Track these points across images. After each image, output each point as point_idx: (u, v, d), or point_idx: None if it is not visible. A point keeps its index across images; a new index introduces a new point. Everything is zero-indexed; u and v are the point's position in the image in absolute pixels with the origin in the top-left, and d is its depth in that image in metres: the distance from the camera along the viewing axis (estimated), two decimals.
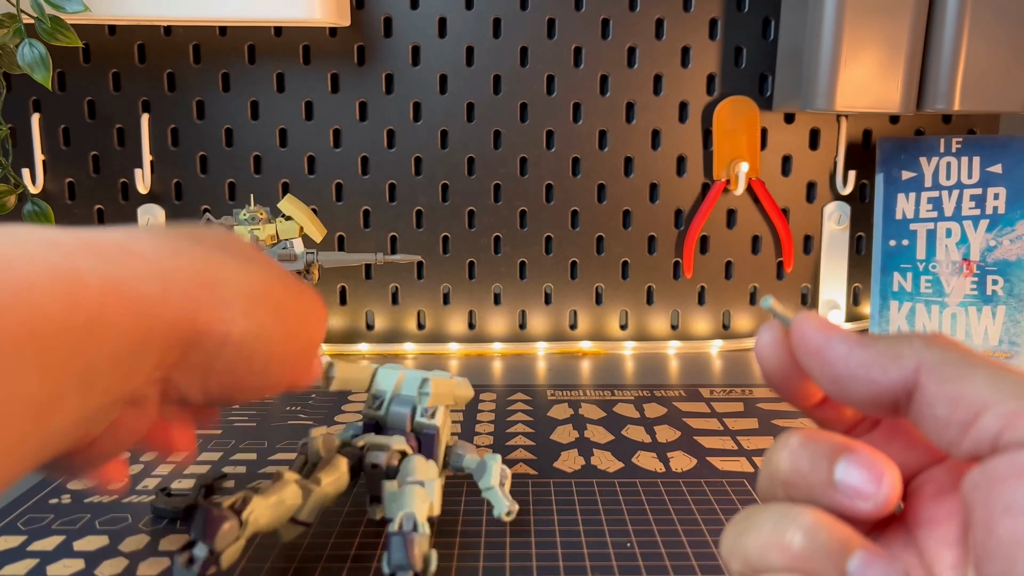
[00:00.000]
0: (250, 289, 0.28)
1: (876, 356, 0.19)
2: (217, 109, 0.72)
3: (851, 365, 0.19)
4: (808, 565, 0.18)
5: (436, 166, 0.73)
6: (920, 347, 0.19)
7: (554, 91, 0.72)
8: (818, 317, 0.21)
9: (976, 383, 0.18)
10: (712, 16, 0.71)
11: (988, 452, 0.17)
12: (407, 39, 0.71)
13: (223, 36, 0.70)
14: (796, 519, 0.19)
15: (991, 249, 0.67)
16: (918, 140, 0.70)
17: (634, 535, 0.40)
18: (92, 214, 0.73)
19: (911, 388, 0.19)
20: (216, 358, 0.27)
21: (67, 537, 0.40)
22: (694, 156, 0.73)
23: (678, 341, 0.75)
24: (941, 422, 0.18)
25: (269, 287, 0.29)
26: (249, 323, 0.28)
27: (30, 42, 0.56)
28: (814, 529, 0.18)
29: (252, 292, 0.28)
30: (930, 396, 0.18)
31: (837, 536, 0.18)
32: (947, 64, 0.61)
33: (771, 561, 0.19)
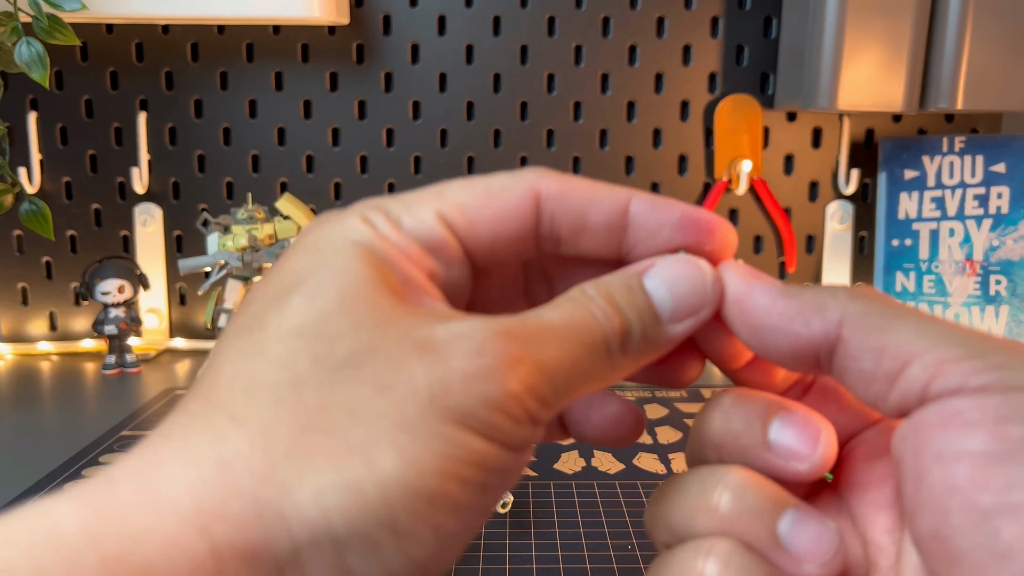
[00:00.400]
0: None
1: (799, 307, 0.19)
2: (215, 108, 0.71)
3: (772, 316, 0.19)
4: (736, 527, 0.18)
5: (436, 165, 0.73)
6: (844, 299, 0.18)
7: (554, 90, 0.72)
8: (742, 265, 0.20)
9: (902, 333, 0.17)
10: (713, 14, 0.70)
11: (916, 404, 0.17)
12: (406, 37, 0.70)
13: (221, 35, 0.70)
14: (723, 479, 0.18)
15: (994, 249, 0.66)
16: (921, 139, 0.69)
17: (635, 537, 0.39)
18: (90, 213, 0.73)
19: (834, 341, 0.18)
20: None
21: None
22: (695, 155, 0.73)
23: None
24: (867, 375, 0.17)
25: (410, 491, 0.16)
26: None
27: (27, 40, 0.56)
28: (743, 488, 0.18)
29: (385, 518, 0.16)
30: (854, 349, 0.18)
31: (767, 495, 0.18)
32: (950, 63, 0.60)
33: (697, 526, 0.18)
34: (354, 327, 0.17)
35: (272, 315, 0.17)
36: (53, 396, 0.63)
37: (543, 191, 0.20)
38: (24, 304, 0.74)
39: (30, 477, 0.47)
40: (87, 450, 0.51)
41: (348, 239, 0.18)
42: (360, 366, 0.16)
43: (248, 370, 0.17)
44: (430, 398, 0.16)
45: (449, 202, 0.20)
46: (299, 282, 0.18)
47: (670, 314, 0.20)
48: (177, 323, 0.75)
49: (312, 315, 0.17)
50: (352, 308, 0.17)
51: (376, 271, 0.18)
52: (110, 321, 0.67)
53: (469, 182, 0.20)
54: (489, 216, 0.20)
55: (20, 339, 0.74)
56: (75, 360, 0.71)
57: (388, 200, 0.20)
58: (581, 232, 0.21)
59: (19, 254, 0.73)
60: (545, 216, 0.20)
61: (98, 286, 0.66)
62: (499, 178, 0.20)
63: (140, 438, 0.55)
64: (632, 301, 0.19)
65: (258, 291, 0.19)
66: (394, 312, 0.17)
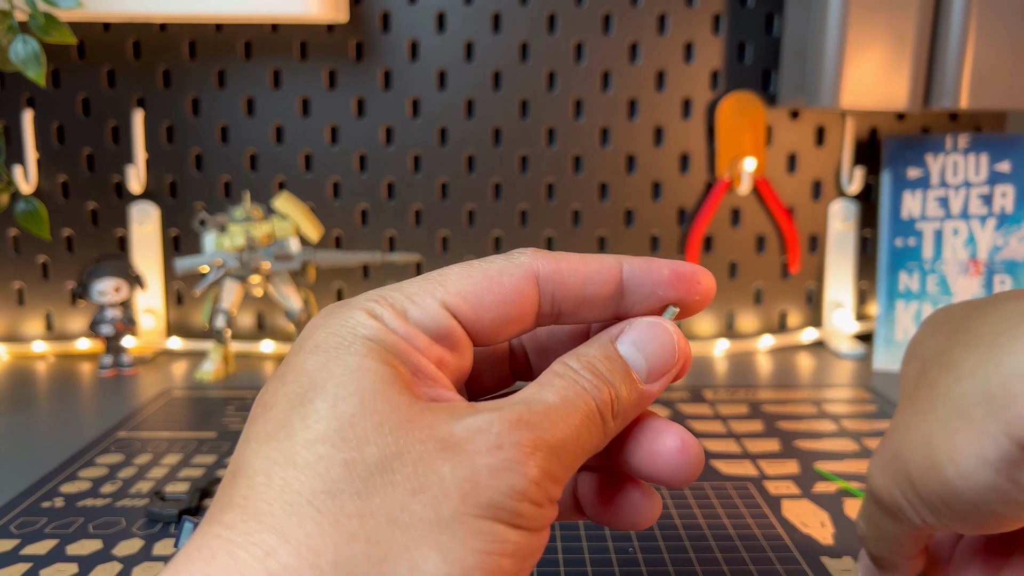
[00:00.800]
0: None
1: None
2: (213, 106, 0.71)
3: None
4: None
5: (435, 164, 0.72)
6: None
7: (555, 87, 0.71)
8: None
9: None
10: (715, 11, 0.70)
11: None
12: (405, 35, 0.70)
13: (219, 32, 0.69)
14: None
15: (999, 248, 0.66)
16: (925, 138, 0.69)
17: (636, 539, 0.39)
18: (86, 213, 0.72)
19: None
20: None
21: (60, 541, 0.40)
22: (697, 154, 0.72)
23: None
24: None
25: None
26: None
27: (23, 38, 0.55)
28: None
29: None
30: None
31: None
32: (954, 61, 0.60)
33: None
34: (378, 430, 0.18)
35: (296, 421, 0.18)
36: (49, 397, 0.62)
37: (540, 272, 0.22)
38: (20, 304, 0.73)
39: (26, 479, 0.47)
40: (83, 451, 0.50)
41: (358, 335, 0.19)
42: (391, 470, 0.17)
43: (282, 480, 0.17)
44: (461, 497, 0.17)
45: (451, 291, 0.21)
46: (318, 385, 0.18)
47: (646, 375, 0.22)
48: (174, 323, 0.74)
49: (336, 420, 0.18)
50: (372, 410, 0.18)
51: (389, 367, 0.19)
52: (106, 321, 0.66)
53: (468, 268, 0.21)
54: (492, 302, 0.21)
55: (16, 339, 0.74)
56: (71, 361, 0.71)
57: (391, 291, 0.21)
58: (581, 305, 0.22)
59: (15, 254, 0.73)
60: (546, 296, 0.22)
61: (94, 286, 0.65)
62: (496, 262, 0.21)
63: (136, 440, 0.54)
64: (613, 368, 0.21)
65: (277, 393, 0.19)
66: (412, 410, 0.18)
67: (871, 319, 0.75)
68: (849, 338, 0.73)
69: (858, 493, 0.45)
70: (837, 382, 0.64)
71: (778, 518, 0.41)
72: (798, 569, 0.36)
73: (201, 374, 0.65)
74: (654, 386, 0.22)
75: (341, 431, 0.18)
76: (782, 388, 0.63)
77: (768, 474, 0.47)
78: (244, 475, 0.18)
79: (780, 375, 0.66)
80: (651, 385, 0.22)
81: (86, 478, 0.47)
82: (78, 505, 0.43)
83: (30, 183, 0.69)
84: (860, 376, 0.66)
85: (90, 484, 0.46)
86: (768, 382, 0.64)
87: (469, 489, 0.17)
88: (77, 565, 0.37)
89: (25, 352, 0.72)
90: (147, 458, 0.50)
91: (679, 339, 0.22)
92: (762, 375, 0.67)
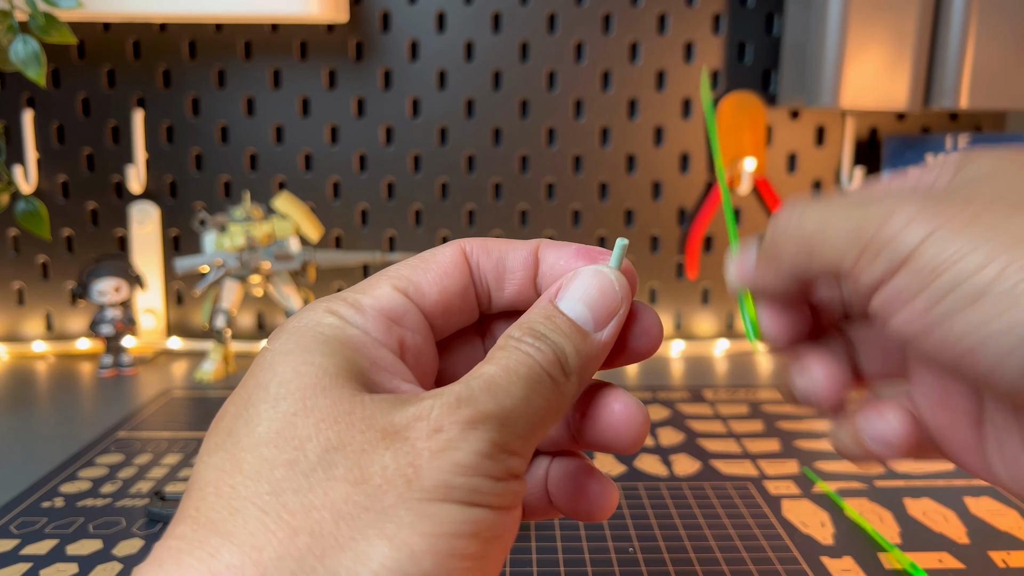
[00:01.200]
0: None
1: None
2: (213, 106, 0.71)
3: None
4: None
5: (435, 164, 0.72)
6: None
7: (555, 87, 0.71)
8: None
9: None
10: (715, 11, 0.70)
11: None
12: (405, 35, 0.70)
13: (219, 32, 0.69)
14: None
15: None
16: (924, 138, 0.69)
17: (636, 539, 0.39)
18: (86, 213, 0.72)
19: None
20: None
21: (60, 541, 0.40)
22: (697, 154, 0.72)
23: (681, 342, 0.74)
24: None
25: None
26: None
27: (23, 38, 0.55)
28: None
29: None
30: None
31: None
32: (954, 61, 0.60)
33: None
34: (317, 426, 0.18)
35: (241, 427, 0.18)
36: (49, 397, 0.62)
37: (466, 247, 0.23)
38: (20, 304, 0.73)
39: (26, 479, 0.47)
40: (83, 451, 0.50)
41: (310, 332, 0.20)
42: (333, 464, 0.17)
43: (229, 487, 0.17)
44: (405, 483, 0.17)
45: (398, 275, 0.22)
46: (261, 387, 0.19)
47: (593, 324, 0.21)
48: (174, 323, 0.74)
49: (278, 421, 0.18)
50: (312, 406, 0.18)
51: (337, 358, 0.19)
52: (106, 321, 0.66)
53: (408, 259, 0.23)
54: (434, 276, 0.22)
55: (16, 339, 0.74)
56: (71, 361, 0.71)
57: (348, 290, 0.22)
58: (503, 276, 0.23)
59: (15, 254, 0.73)
60: (474, 266, 0.23)
61: (94, 286, 0.65)
62: (431, 249, 0.23)
63: (136, 440, 0.54)
64: (555, 327, 0.21)
65: (228, 403, 0.20)
66: (352, 403, 0.18)
67: None
68: None
69: (839, 501, 0.45)
70: None
71: (778, 518, 0.41)
72: (798, 569, 0.36)
73: (201, 374, 0.65)
74: (604, 332, 0.21)
75: (283, 431, 0.18)
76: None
77: (768, 474, 0.47)
78: (196, 487, 0.18)
79: (780, 375, 0.66)
80: (601, 333, 0.21)
81: (86, 478, 0.47)
82: (78, 505, 0.43)
83: (30, 183, 0.69)
84: None
85: (90, 484, 0.46)
86: (768, 382, 0.64)
87: (412, 474, 0.17)
88: (77, 565, 0.37)
89: (25, 352, 0.72)
90: (147, 458, 0.50)
91: (618, 279, 0.22)
92: (762, 375, 0.67)
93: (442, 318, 0.22)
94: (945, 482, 0.46)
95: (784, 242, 0.22)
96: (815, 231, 0.21)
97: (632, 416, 0.22)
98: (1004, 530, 0.40)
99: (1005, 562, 0.37)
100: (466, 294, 0.23)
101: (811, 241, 0.21)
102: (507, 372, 0.19)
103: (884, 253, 0.19)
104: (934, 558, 0.38)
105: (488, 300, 0.24)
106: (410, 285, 0.22)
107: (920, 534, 0.40)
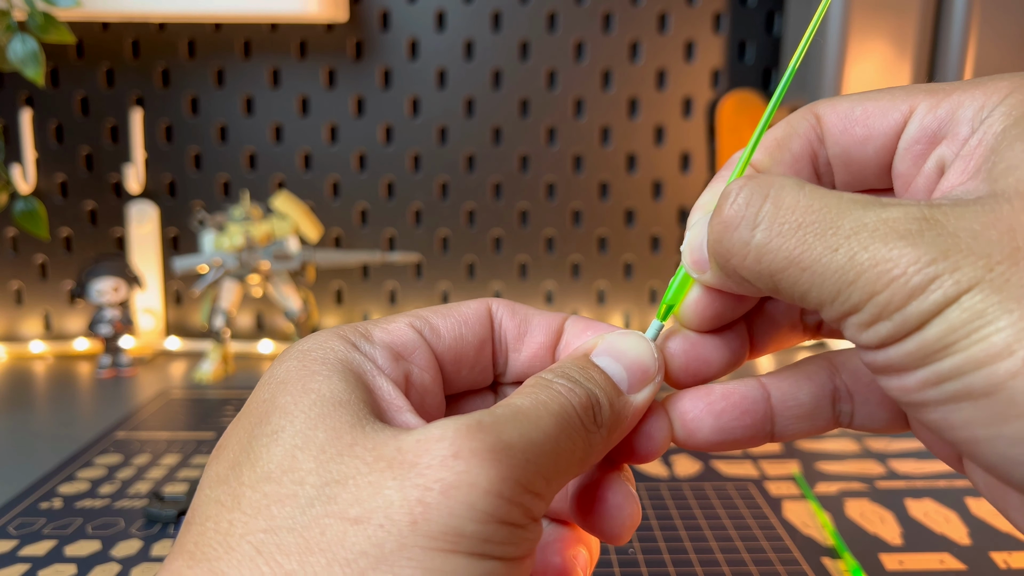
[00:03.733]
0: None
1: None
2: (211, 105, 0.71)
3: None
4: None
5: (435, 163, 0.72)
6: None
7: (555, 87, 0.71)
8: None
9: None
10: (716, 10, 0.70)
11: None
12: (405, 34, 0.69)
13: (218, 31, 0.69)
14: None
15: None
16: None
17: (637, 540, 0.39)
18: (84, 212, 0.72)
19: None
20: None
21: (59, 542, 0.39)
22: (698, 153, 0.72)
23: None
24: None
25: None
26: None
27: (22, 37, 0.55)
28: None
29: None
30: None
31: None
32: (955, 61, 0.60)
33: None
34: (318, 458, 0.16)
35: (244, 461, 0.17)
36: (47, 397, 0.62)
37: (492, 303, 0.23)
38: (18, 304, 0.73)
39: (24, 480, 0.46)
40: (81, 452, 0.50)
41: (314, 357, 0.19)
42: (332, 499, 0.16)
43: (228, 523, 0.16)
44: (411, 524, 0.15)
45: (416, 315, 0.21)
46: (264, 419, 0.18)
47: (627, 384, 0.20)
48: (173, 323, 0.74)
49: (278, 456, 0.17)
50: (313, 438, 0.17)
51: (342, 384, 0.18)
52: (105, 321, 0.66)
53: (434, 306, 0.22)
54: (452, 322, 0.22)
55: (14, 339, 0.73)
56: (69, 361, 0.71)
57: (361, 322, 0.21)
58: (523, 337, 0.22)
59: (13, 253, 0.72)
60: (496, 323, 0.22)
61: (93, 286, 0.65)
62: (459, 302, 0.23)
63: (135, 440, 0.54)
64: (589, 376, 0.19)
65: (231, 433, 0.19)
66: (355, 433, 0.17)
67: None
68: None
69: (820, 513, 0.44)
70: None
71: (779, 519, 0.41)
72: (798, 570, 0.36)
73: (200, 374, 0.65)
74: (638, 396, 0.20)
75: (283, 465, 0.16)
76: None
77: (769, 475, 0.47)
78: (196, 521, 0.17)
79: None
80: (635, 395, 0.20)
81: (84, 479, 0.47)
82: (76, 506, 0.43)
83: (28, 183, 0.69)
84: None
85: (88, 485, 0.46)
86: None
87: (420, 514, 0.15)
88: (75, 566, 0.37)
89: (23, 352, 0.72)
90: (145, 459, 0.49)
91: (655, 348, 0.21)
92: None
93: (453, 365, 0.21)
94: (946, 483, 0.46)
95: (735, 267, 0.18)
96: (780, 269, 0.17)
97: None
98: (1005, 531, 0.40)
99: (1007, 563, 0.37)
100: (482, 348, 0.22)
101: (775, 277, 0.17)
102: (536, 405, 0.17)
103: (890, 319, 0.15)
104: (935, 559, 0.38)
105: (505, 361, 0.23)
106: (426, 325, 0.21)
107: (921, 535, 0.40)
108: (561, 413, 0.18)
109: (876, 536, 0.40)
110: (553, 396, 0.18)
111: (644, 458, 0.21)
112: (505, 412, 0.17)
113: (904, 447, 0.51)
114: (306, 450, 0.16)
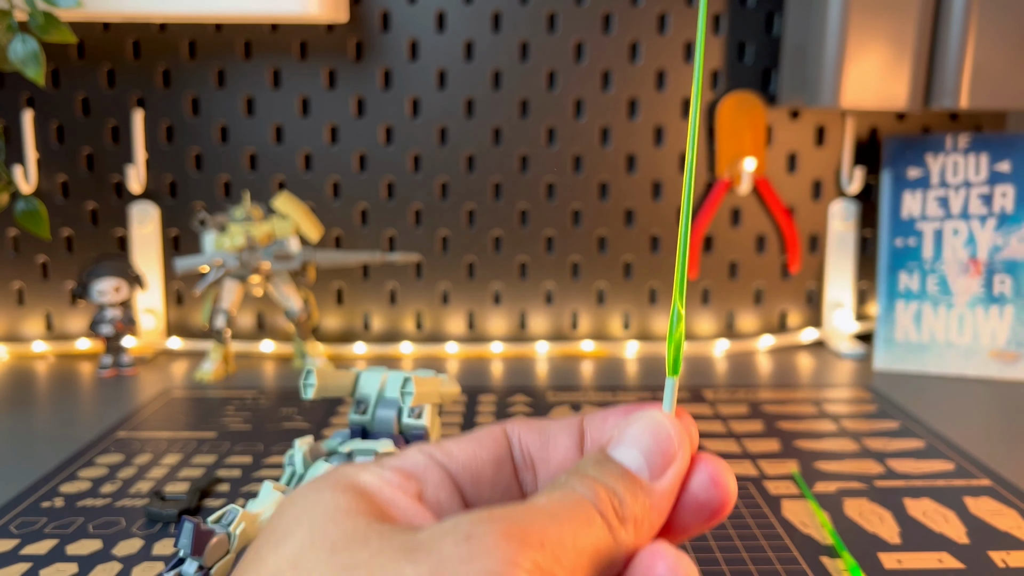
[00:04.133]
0: None
1: None
2: (212, 106, 0.71)
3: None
4: None
5: (435, 163, 0.72)
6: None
7: (555, 87, 0.71)
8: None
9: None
10: (715, 11, 0.70)
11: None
12: (405, 34, 0.70)
13: (218, 32, 0.69)
14: None
15: (999, 248, 0.66)
16: (925, 138, 0.69)
17: None
18: (86, 213, 0.72)
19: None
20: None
21: (60, 541, 0.40)
22: (698, 153, 0.72)
23: None
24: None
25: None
26: None
27: (23, 37, 0.55)
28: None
29: None
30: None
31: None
32: (954, 60, 0.60)
33: None
34: (330, 550, 0.16)
35: (251, 562, 0.17)
36: (49, 397, 0.62)
37: (507, 424, 0.22)
38: (20, 304, 0.73)
39: (26, 479, 0.47)
40: (83, 451, 0.50)
41: (327, 478, 0.19)
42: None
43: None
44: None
45: (428, 443, 0.21)
46: (271, 531, 0.18)
47: (649, 472, 0.19)
48: (174, 323, 0.74)
49: (285, 558, 0.16)
50: (324, 536, 0.16)
51: (350, 495, 0.18)
52: (106, 321, 0.66)
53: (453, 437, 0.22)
54: (465, 444, 0.21)
55: (16, 339, 0.74)
56: (71, 361, 0.71)
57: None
58: (547, 446, 0.22)
59: (15, 254, 0.73)
60: (514, 440, 0.22)
61: (94, 286, 0.65)
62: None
63: (136, 440, 0.54)
64: (607, 471, 0.19)
65: (249, 549, 0.19)
66: (368, 530, 0.17)
67: (871, 319, 0.75)
68: (849, 338, 0.73)
69: (821, 516, 0.45)
70: (837, 382, 0.64)
71: (778, 518, 0.41)
72: (797, 569, 0.36)
73: (201, 374, 0.65)
74: (663, 481, 0.19)
75: (293, 559, 0.16)
76: (782, 388, 0.62)
77: (768, 474, 0.47)
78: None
79: (780, 375, 0.66)
80: (659, 481, 0.19)
81: (86, 478, 0.47)
82: (78, 505, 0.43)
83: (30, 183, 0.69)
84: (860, 376, 0.66)
85: (90, 484, 0.46)
86: (768, 382, 0.64)
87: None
88: (77, 565, 0.37)
89: (25, 352, 0.72)
90: (147, 458, 0.50)
91: (672, 423, 0.20)
92: (762, 375, 0.67)
93: (473, 486, 0.21)
94: (945, 482, 0.46)
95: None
96: None
97: (722, 488, 0.20)
98: (1004, 530, 0.40)
99: (1005, 562, 0.37)
100: (500, 464, 0.22)
101: None
102: (555, 503, 0.17)
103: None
104: (934, 558, 0.38)
105: (533, 476, 0.22)
106: (437, 449, 0.21)
107: (920, 534, 0.40)
108: (581, 512, 0.17)
109: (875, 535, 0.40)
110: (570, 495, 0.18)
111: (715, 510, 0.20)
112: (522, 509, 0.17)
113: (903, 447, 0.51)
114: (318, 547, 0.16)
